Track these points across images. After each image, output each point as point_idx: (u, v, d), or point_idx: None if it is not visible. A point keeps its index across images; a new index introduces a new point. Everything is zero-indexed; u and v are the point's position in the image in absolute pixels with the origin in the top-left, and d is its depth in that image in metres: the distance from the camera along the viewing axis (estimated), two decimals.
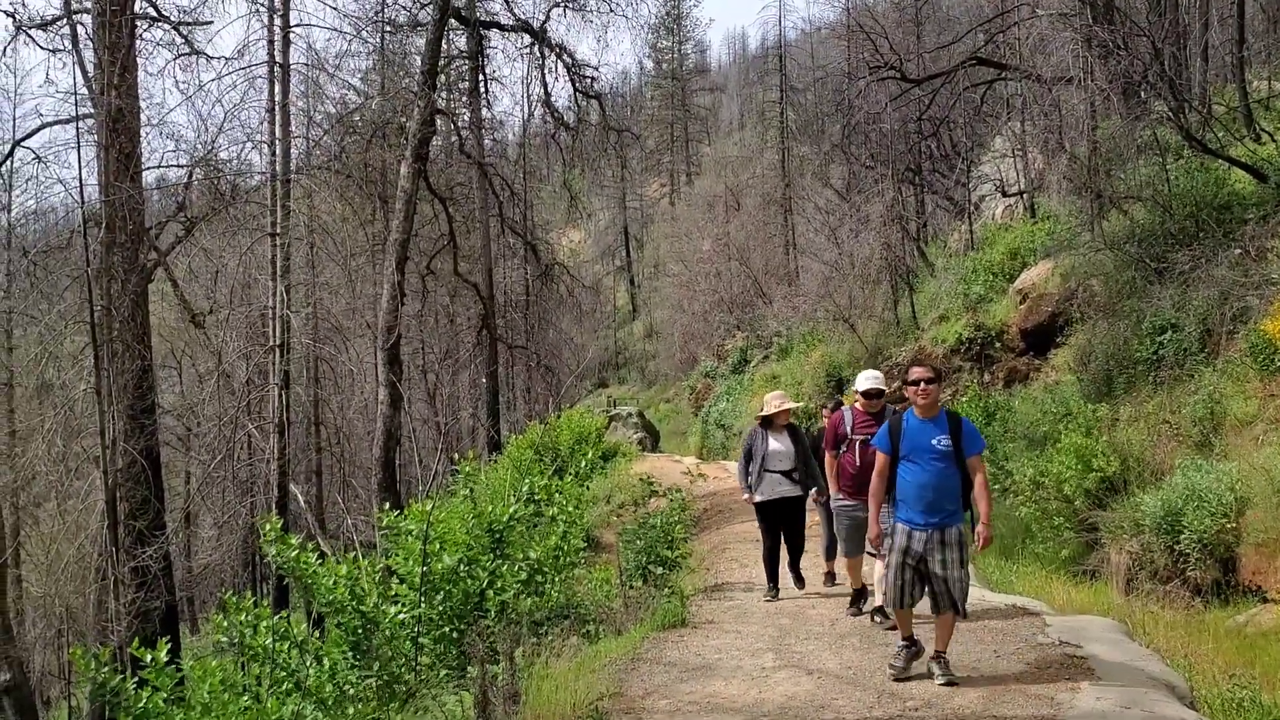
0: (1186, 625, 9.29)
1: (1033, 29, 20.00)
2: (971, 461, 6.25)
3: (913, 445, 6.26)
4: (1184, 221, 15.47)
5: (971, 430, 6.34)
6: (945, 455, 6.17)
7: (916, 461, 6.22)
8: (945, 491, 6.16)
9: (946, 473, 6.17)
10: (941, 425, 6.26)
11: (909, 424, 6.33)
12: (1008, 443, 16.84)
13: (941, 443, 6.17)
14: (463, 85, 25.15)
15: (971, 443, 6.28)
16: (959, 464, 6.21)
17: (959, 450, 6.21)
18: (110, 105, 14.74)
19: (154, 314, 17.81)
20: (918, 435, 6.27)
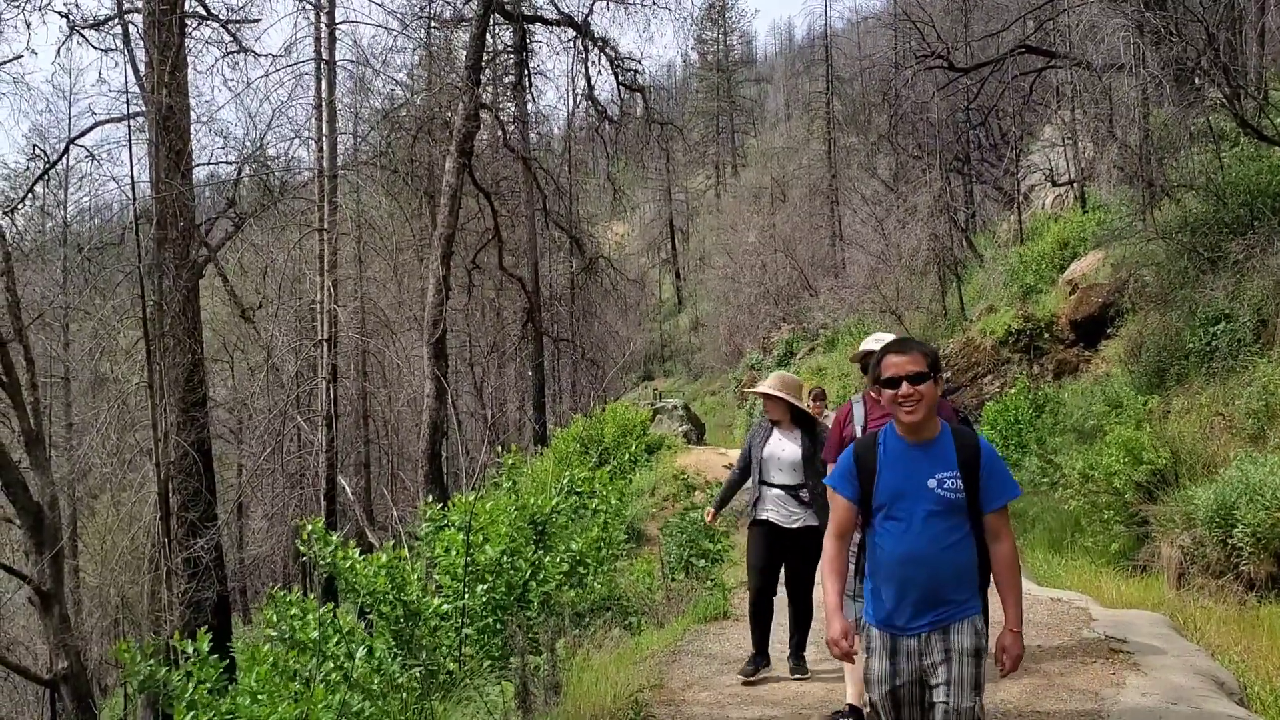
0: (1240, 620, 9.12)
1: (1082, 15, 19.70)
2: (992, 520, 3.83)
3: (894, 487, 3.83)
4: (1238, 210, 15.17)
5: (995, 463, 3.87)
6: (951, 507, 3.75)
7: (899, 516, 3.81)
8: (949, 569, 3.77)
9: (952, 536, 3.77)
10: (944, 453, 3.83)
11: (887, 449, 3.89)
12: (1057, 435, 16.64)
13: (945, 484, 3.77)
14: (507, 80, 25.24)
15: (997, 486, 3.84)
16: (974, 521, 3.83)
17: (974, 497, 3.81)
18: (161, 103, 14.97)
19: (205, 309, 18.08)
20: (902, 471, 3.83)
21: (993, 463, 3.86)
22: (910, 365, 3.78)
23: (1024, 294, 21.04)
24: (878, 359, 3.86)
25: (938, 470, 3.80)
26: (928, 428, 3.85)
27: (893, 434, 3.90)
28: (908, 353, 3.85)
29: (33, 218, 24.04)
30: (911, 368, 3.77)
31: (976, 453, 3.85)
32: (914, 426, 3.81)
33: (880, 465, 3.89)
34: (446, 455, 21.22)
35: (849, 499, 3.95)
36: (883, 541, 3.86)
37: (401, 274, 22.56)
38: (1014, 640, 3.84)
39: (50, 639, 13.16)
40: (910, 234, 25.37)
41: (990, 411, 18.53)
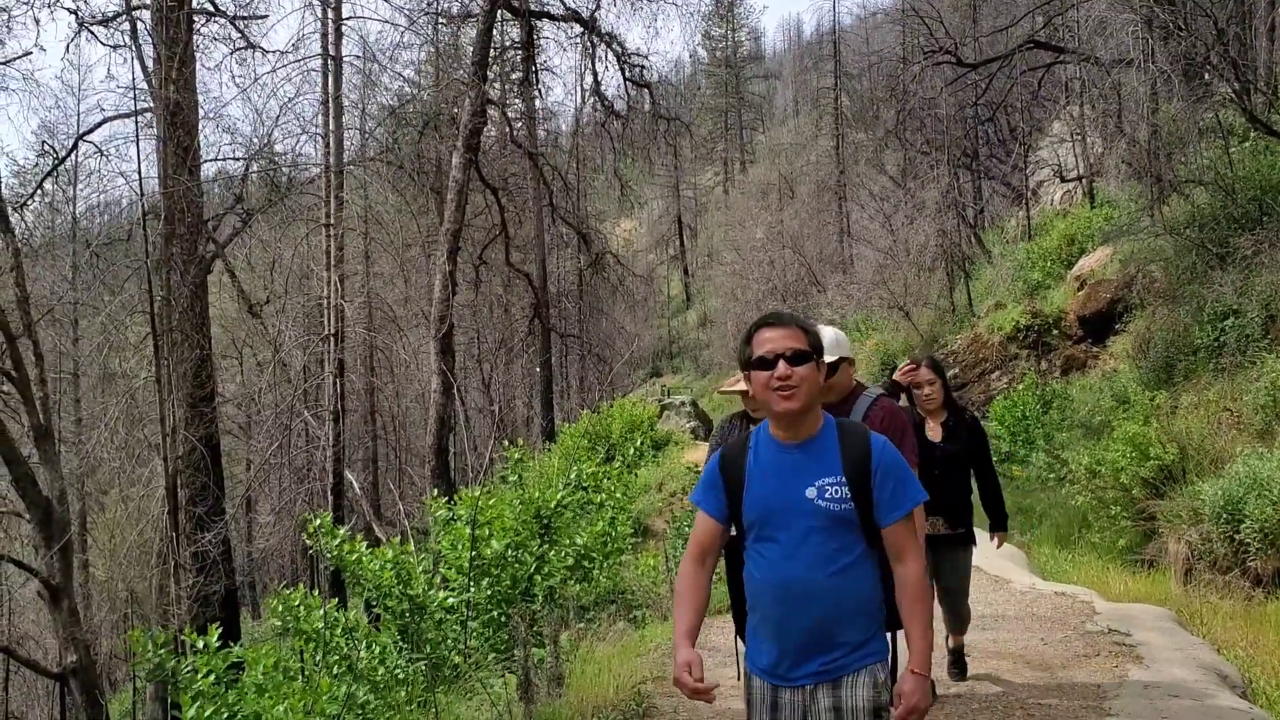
0: (1246, 616, 9.10)
1: (1091, 11, 19.63)
2: (893, 536, 3.06)
3: (764, 501, 3.09)
4: (1247, 205, 15.13)
5: (891, 462, 3.08)
6: (836, 522, 3.01)
7: (773, 536, 3.06)
8: (839, 603, 3.02)
9: (840, 560, 3.02)
10: (826, 454, 3.08)
11: (758, 454, 3.16)
12: (1064, 431, 16.63)
13: (826, 493, 3.02)
14: (514, 76, 25.26)
15: (895, 492, 3.05)
16: (872, 538, 3.07)
17: (867, 508, 3.04)
18: (169, 99, 15.00)
19: (212, 304, 18.13)
20: (775, 479, 3.09)
21: (887, 462, 3.06)
22: (788, 341, 3.07)
23: (1032, 290, 21.01)
24: (748, 335, 3.18)
25: (817, 476, 3.03)
26: (807, 423, 3.09)
27: (766, 434, 3.16)
28: (784, 326, 3.13)
29: (42, 214, 24.18)
30: (790, 344, 3.05)
31: (866, 451, 3.06)
32: (790, 419, 3.06)
33: (749, 474, 3.14)
34: (453, 451, 21.26)
35: (712, 516, 3.22)
36: (755, 569, 3.11)
37: (408, 270, 22.60)
38: (915, 686, 2.97)
39: (59, 633, 13.21)
40: (918, 230, 25.34)
41: (998, 407, 18.52)
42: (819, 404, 3.15)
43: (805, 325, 3.15)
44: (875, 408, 4.40)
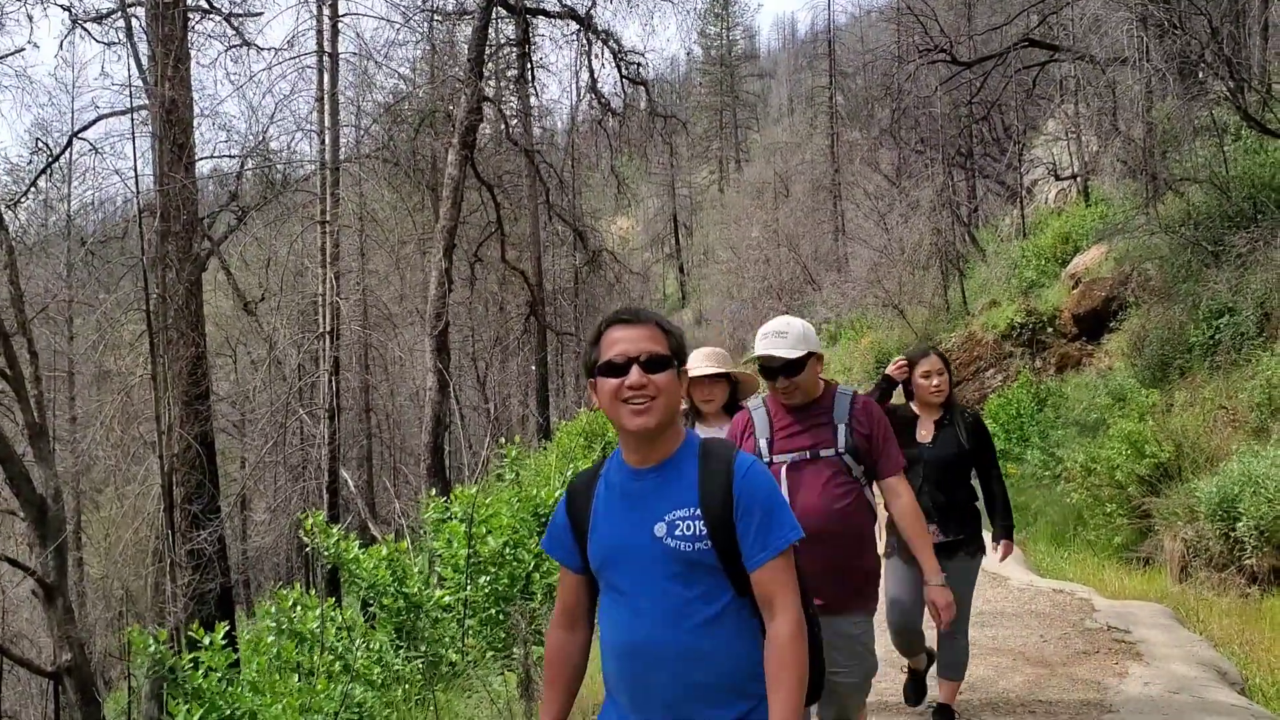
0: (1242, 612, 9.13)
1: (1086, 9, 19.65)
2: (761, 580, 2.43)
3: (610, 541, 2.55)
4: (1242, 203, 15.16)
5: (759, 490, 2.46)
6: (691, 566, 2.44)
7: (620, 585, 2.52)
8: (701, 667, 2.43)
9: (701, 613, 2.44)
10: (681, 481, 2.50)
11: (607, 484, 2.61)
12: (1059, 429, 16.66)
13: (677, 529, 2.45)
14: (510, 73, 25.25)
15: (762, 529, 2.43)
16: (743, 587, 2.46)
17: (729, 549, 2.44)
18: (164, 97, 14.97)
19: (208, 302, 18.11)
20: (622, 514, 2.54)
21: (754, 489, 2.43)
22: (644, 343, 2.47)
23: (1026, 288, 21.04)
24: (596, 333, 2.57)
25: (668, 509, 2.43)
26: (662, 443, 2.49)
27: (618, 461, 2.58)
28: (640, 325, 2.52)
29: (36, 211, 24.10)
30: (646, 347, 2.46)
31: (728, 476, 2.44)
32: (643, 439, 2.46)
33: (595, 509, 2.57)
34: (449, 449, 21.25)
35: (565, 565, 2.65)
36: (602, 628, 2.56)
37: (403, 267, 22.59)
38: None
39: (54, 632, 13.18)
40: (913, 228, 25.37)
41: (993, 405, 18.55)
42: (679, 420, 2.58)
43: (666, 325, 2.59)
44: (858, 406, 3.93)
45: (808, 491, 3.76)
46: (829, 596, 3.63)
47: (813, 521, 3.48)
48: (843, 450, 3.81)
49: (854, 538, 3.81)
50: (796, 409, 3.91)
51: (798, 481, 3.79)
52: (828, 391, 3.96)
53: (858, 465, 3.81)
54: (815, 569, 3.39)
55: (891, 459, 3.90)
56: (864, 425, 3.84)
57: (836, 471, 3.79)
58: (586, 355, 2.62)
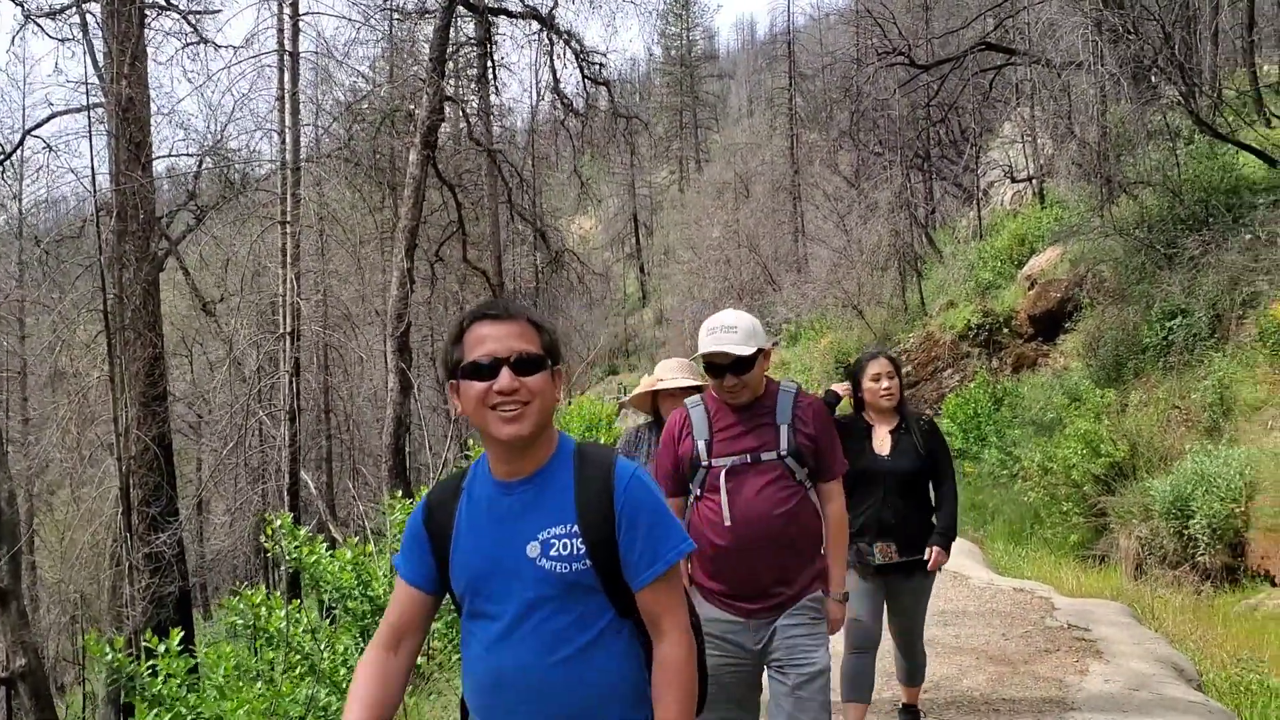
0: (1196, 610, 9.32)
1: (1042, 13, 19.93)
2: (647, 599, 2.22)
3: (475, 562, 2.27)
4: (1194, 206, 15.44)
5: (644, 504, 2.23)
6: (568, 588, 2.20)
7: (486, 611, 2.26)
8: (579, 699, 2.21)
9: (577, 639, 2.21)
10: (556, 494, 2.25)
11: (471, 497, 2.33)
12: (1016, 429, 16.88)
13: (552, 549, 2.20)
14: (471, 72, 25.18)
15: (647, 545, 2.21)
16: (625, 608, 2.25)
17: (611, 569, 2.21)
18: (121, 94, 14.79)
19: (165, 302, 17.92)
20: (489, 532, 2.27)
21: (637, 501, 2.20)
22: (515, 341, 2.19)
23: (983, 289, 21.29)
24: (458, 329, 2.25)
25: (542, 526, 2.19)
26: (534, 452, 2.24)
27: (484, 470, 2.30)
28: (510, 320, 2.23)
29: None
30: (517, 345, 2.19)
31: (608, 488, 2.21)
32: (514, 448, 2.20)
33: (458, 525, 2.29)
34: (410, 450, 21.15)
35: (411, 583, 2.33)
36: (466, 656, 2.32)
37: (364, 267, 22.45)
38: None
39: (7, 637, 12.97)
40: (871, 230, 25.57)
41: (950, 405, 18.75)
42: (554, 427, 2.29)
43: (538, 319, 2.28)
44: (802, 404, 3.63)
45: (749, 497, 3.50)
46: (780, 599, 3.52)
47: (756, 529, 3.46)
48: (785, 453, 3.52)
49: (800, 543, 3.55)
50: (738, 408, 3.61)
51: (738, 487, 3.52)
52: (770, 389, 3.67)
53: (801, 468, 3.54)
54: (760, 578, 3.50)
55: (835, 462, 3.65)
56: (808, 425, 3.58)
57: (779, 475, 3.52)
58: (446, 354, 2.29)
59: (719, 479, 3.52)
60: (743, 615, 3.52)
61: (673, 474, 3.68)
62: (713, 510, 3.53)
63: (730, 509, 3.49)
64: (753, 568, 3.49)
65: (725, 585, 3.54)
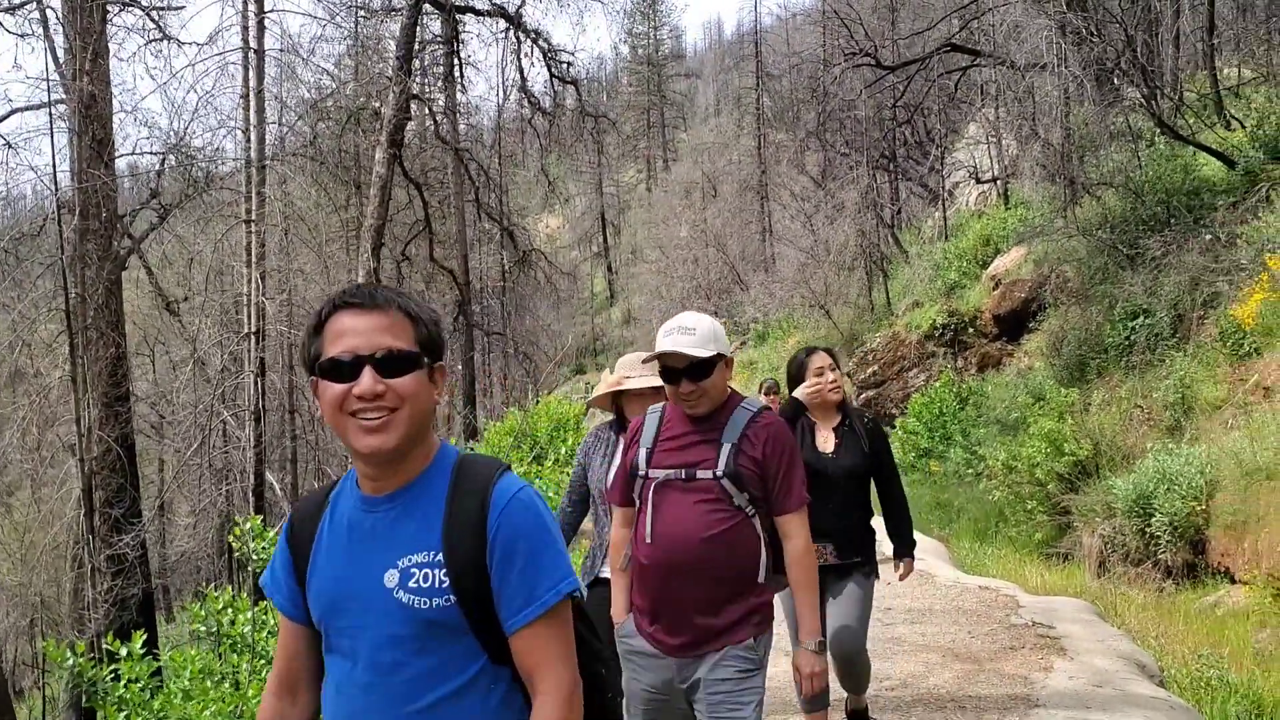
0: (1158, 606, 9.44)
1: (1006, 15, 20.06)
2: (522, 645, 1.86)
3: (331, 590, 1.94)
4: (1155, 208, 15.62)
5: (524, 527, 1.87)
6: (430, 627, 1.85)
7: (340, 648, 1.95)
8: None
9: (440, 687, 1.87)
10: (425, 511, 1.91)
11: (333, 516, 1.99)
12: (980, 428, 17.02)
13: (411, 579, 1.85)
14: (438, 70, 25.08)
15: (523, 581, 1.85)
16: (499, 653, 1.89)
17: (482, 606, 1.86)
18: (82, 91, 14.61)
19: (128, 301, 17.72)
20: (344, 556, 1.94)
21: (515, 527, 1.86)
22: (381, 336, 1.86)
23: (948, 289, 21.45)
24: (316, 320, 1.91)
25: (403, 551, 1.87)
26: (405, 465, 1.91)
27: (351, 483, 1.99)
28: (377, 310, 1.88)
29: None
30: (383, 341, 1.85)
31: (482, 510, 1.86)
32: (379, 461, 1.87)
33: (318, 546, 1.98)
34: None
35: (282, 612, 2.05)
36: (324, 695, 2.02)
37: (330, 266, 22.28)
38: None
39: None
40: (838, 230, 25.71)
41: (916, 404, 18.89)
42: (432, 435, 1.98)
43: (413, 308, 1.93)
44: (758, 424, 3.31)
45: (671, 516, 3.23)
46: (697, 634, 3.22)
47: (677, 549, 3.19)
48: (721, 474, 3.20)
49: (729, 573, 3.20)
50: (693, 420, 3.32)
51: (661, 503, 3.26)
52: (729, 404, 3.37)
53: (740, 492, 3.20)
54: (681, 605, 3.20)
55: (791, 493, 3.27)
56: (755, 448, 3.24)
57: (713, 497, 3.20)
58: (305, 348, 1.95)
59: (649, 492, 3.31)
60: (666, 651, 3.26)
61: (624, 481, 3.48)
62: (641, 524, 3.33)
63: (653, 525, 3.26)
64: (673, 592, 3.23)
65: (648, 606, 3.30)
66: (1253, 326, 12.21)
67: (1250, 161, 14.90)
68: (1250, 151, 15.14)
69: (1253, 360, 12.14)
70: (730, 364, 3.41)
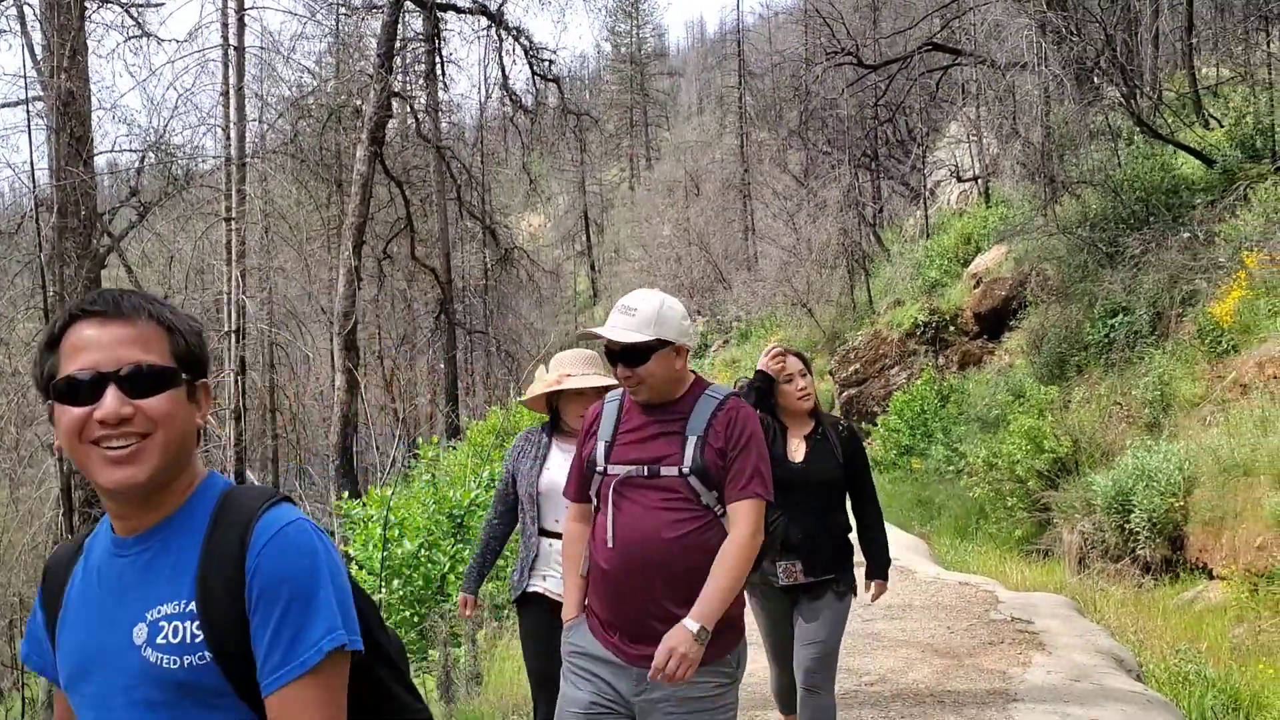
0: (1136, 602, 9.50)
1: (987, 14, 20.14)
2: (282, 710, 1.49)
3: (78, 646, 1.59)
4: (1134, 206, 15.70)
5: (286, 571, 1.52)
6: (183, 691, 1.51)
7: (84, 717, 1.60)
8: None
9: None
10: (176, 558, 1.56)
11: (88, 561, 1.65)
12: (961, 425, 17.09)
13: (159, 635, 1.52)
14: (419, 68, 25.03)
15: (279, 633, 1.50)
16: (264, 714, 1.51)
17: (240, 663, 1.52)
18: (60, 89, 14.49)
19: None
20: (96, 608, 1.59)
21: (277, 571, 1.55)
22: (128, 350, 1.54)
23: (930, 288, 21.52)
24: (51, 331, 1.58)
25: (155, 601, 1.57)
26: (164, 499, 1.59)
27: (106, 526, 1.66)
28: (121, 320, 1.56)
29: None
30: (130, 356, 1.54)
31: (239, 548, 1.56)
32: (128, 498, 1.56)
33: (68, 599, 1.68)
34: (357, 450, 20.98)
35: (52, 681, 1.73)
36: None
37: (311, 265, 22.22)
38: None
39: None
40: (820, 228, 25.79)
41: (898, 402, 18.95)
42: (195, 464, 1.64)
43: (167, 317, 1.60)
44: (721, 413, 2.98)
45: (632, 516, 2.93)
46: (603, 619, 3.00)
47: (641, 553, 2.89)
48: (688, 470, 2.91)
49: (698, 578, 2.85)
50: (650, 409, 3.03)
51: (621, 503, 2.96)
52: (693, 391, 3.05)
53: (708, 490, 2.92)
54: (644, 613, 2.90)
55: (753, 479, 2.93)
56: (720, 438, 2.93)
57: (677, 496, 2.91)
58: (37, 366, 1.60)
59: (609, 490, 2.98)
60: (623, 658, 2.94)
61: (579, 477, 3.16)
62: (600, 525, 3.01)
63: (614, 526, 2.94)
64: (636, 600, 2.92)
65: (608, 615, 2.99)
66: (1230, 324, 12.28)
67: (1228, 160, 15.00)
68: (1228, 150, 15.24)
69: (1230, 357, 12.21)
70: (682, 351, 3.02)
